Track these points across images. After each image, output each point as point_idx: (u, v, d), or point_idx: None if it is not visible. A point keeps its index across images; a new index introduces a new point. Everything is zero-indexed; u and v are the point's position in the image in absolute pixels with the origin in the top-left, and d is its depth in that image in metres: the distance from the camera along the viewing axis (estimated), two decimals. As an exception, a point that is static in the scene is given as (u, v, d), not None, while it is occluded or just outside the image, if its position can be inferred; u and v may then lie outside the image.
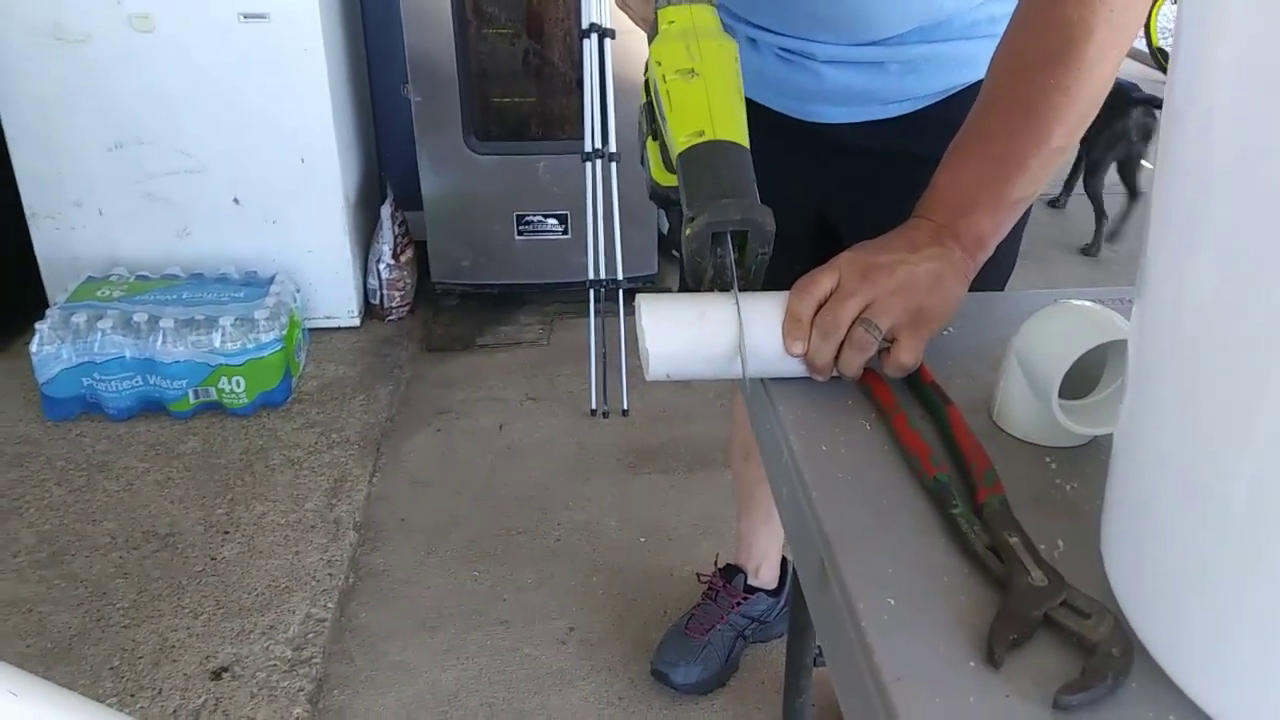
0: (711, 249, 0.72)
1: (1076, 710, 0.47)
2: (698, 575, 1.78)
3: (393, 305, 2.78)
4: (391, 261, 2.73)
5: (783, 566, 1.73)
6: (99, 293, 2.37)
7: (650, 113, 0.83)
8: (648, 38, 0.83)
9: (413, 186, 2.76)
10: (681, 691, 1.66)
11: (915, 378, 0.73)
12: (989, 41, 0.82)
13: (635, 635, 1.79)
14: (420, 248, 2.86)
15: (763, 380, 0.75)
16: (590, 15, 2.22)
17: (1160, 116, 3.20)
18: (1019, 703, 0.48)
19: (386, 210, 2.72)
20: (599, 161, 2.30)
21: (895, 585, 0.55)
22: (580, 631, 1.81)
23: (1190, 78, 0.45)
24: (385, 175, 2.94)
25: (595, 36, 2.23)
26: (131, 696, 1.62)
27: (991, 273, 0.81)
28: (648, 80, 0.82)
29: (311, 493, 2.10)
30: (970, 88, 1.04)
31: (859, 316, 0.70)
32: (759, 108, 1.11)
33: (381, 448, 2.28)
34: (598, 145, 2.30)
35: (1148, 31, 5.50)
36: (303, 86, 2.46)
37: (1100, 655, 0.49)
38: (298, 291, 2.55)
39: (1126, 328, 0.60)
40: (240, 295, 2.39)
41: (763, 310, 0.72)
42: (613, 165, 2.31)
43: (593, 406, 2.42)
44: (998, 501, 0.60)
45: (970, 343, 0.81)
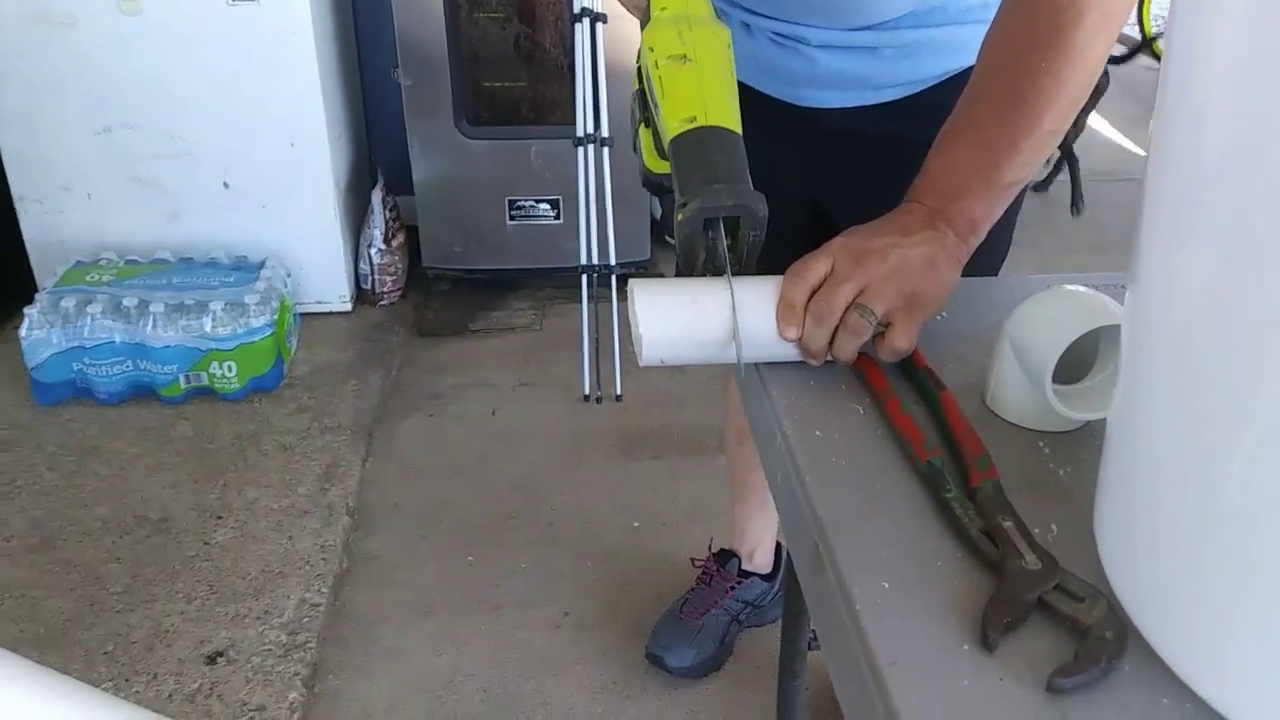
0: (704, 234, 0.72)
1: (1070, 693, 0.47)
2: (692, 560, 1.78)
3: (384, 290, 2.77)
4: (383, 246, 2.72)
5: (777, 551, 1.74)
6: (88, 277, 2.36)
7: (643, 100, 0.83)
8: (640, 24, 0.82)
9: (404, 171, 2.75)
10: (676, 675, 1.67)
11: (909, 362, 0.73)
12: (982, 27, 0.82)
13: (629, 620, 1.79)
14: (412, 232, 2.85)
15: (756, 365, 0.75)
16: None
17: (1109, 75, 3.23)
18: (1013, 686, 0.48)
19: (378, 195, 2.71)
20: (591, 146, 2.30)
21: (889, 569, 0.55)
22: (574, 616, 1.81)
23: (1184, 66, 0.45)
24: (376, 160, 2.93)
25: (587, 21, 2.22)
26: (126, 681, 1.62)
27: (985, 257, 0.81)
28: (640, 67, 0.82)
29: (304, 478, 2.10)
30: (964, 73, 1.03)
31: (853, 301, 0.70)
32: (753, 92, 1.10)
33: (374, 433, 2.28)
34: (590, 130, 2.29)
35: (1140, 21, 5.49)
36: (292, 70, 2.44)
37: (1094, 638, 0.49)
38: (288, 276, 2.54)
39: (1120, 313, 0.61)
40: (230, 280, 2.38)
41: (757, 295, 0.72)
42: (605, 150, 2.31)
43: (585, 392, 2.42)
44: (991, 486, 0.60)
45: (964, 327, 0.81)
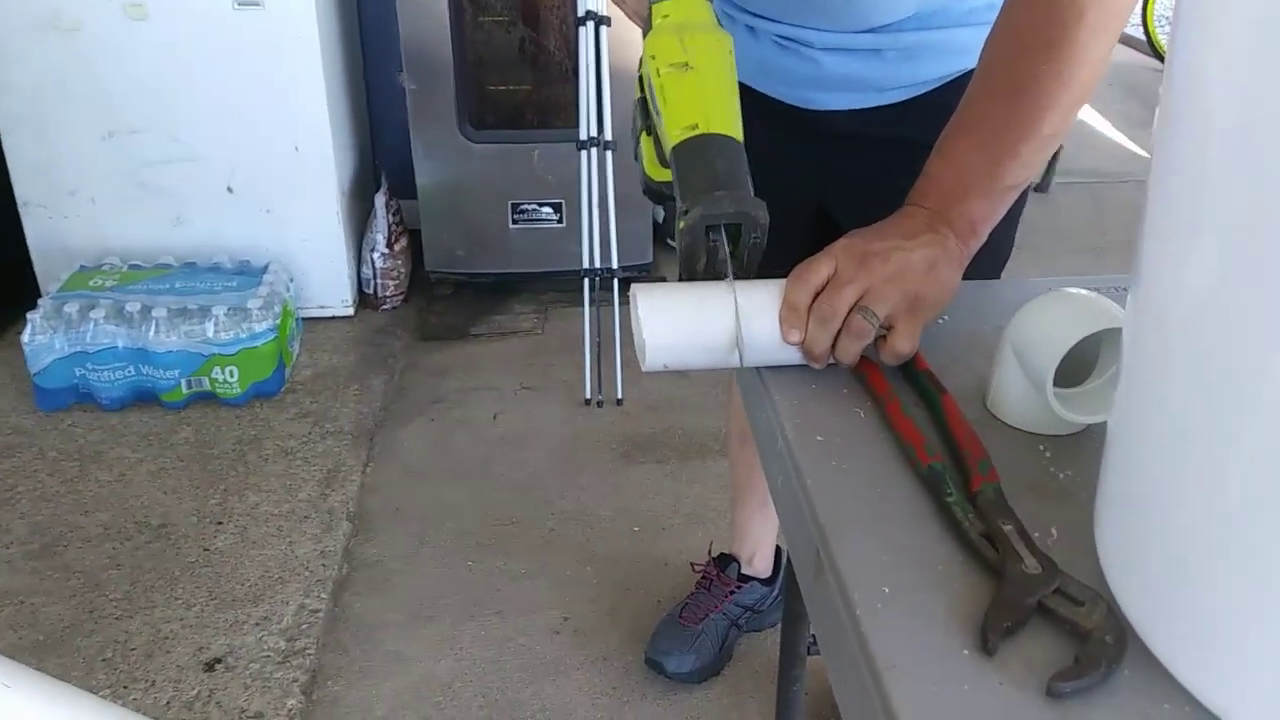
0: (706, 240, 0.72)
1: (1070, 697, 0.47)
2: (692, 564, 1.78)
3: (387, 294, 2.77)
4: (386, 250, 2.72)
5: (776, 555, 1.73)
6: (91, 282, 2.36)
7: (644, 108, 0.83)
8: (642, 32, 0.82)
9: (407, 175, 2.75)
10: (675, 680, 1.66)
11: (910, 366, 0.73)
12: (985, 29, 0.82)
13: (629, 625, 1.79)
14: (415, 236, 2.85)
15: (757, 368, 0.74)
16: (586, 3, 2.21)
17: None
18: (1013, 690, 0.48)
19: (381, 199, 2.71)
20: (594, 150, 2.30)
21: (889, 573, 0.55)
22: (574, 621, 1.81)
23: (1188, 66, 0.45)
24: (379, 164, 2.93)
25: (591, 24, 2.22)
26: (125, 688, 1.62)
27: (987, 260, 0.81)
28: (642, 75, 0.82)
29: (305, 483, 2.09)
30: (968, 74, 1.03)
31: (856, 304, 0.70)
32: (757, 95, 1.10)
33: (375, 437, 2.28)
34: (593, 133, 2.30)
35: (1144, 22, 5.50)
36: (297, 74, 2.45)
37: (1094, 642, 0.49)
38: (291, 281, 2.54)
39: (1121, 316, 0.60)
40: (233, 284, 2.38)
41: (759, 299, 0.72)
42: (608, 154, 2.31)
43: (587, 396, 2.42)
44: (992, 489, 0.60)
45: (965, 331, 0.80)
